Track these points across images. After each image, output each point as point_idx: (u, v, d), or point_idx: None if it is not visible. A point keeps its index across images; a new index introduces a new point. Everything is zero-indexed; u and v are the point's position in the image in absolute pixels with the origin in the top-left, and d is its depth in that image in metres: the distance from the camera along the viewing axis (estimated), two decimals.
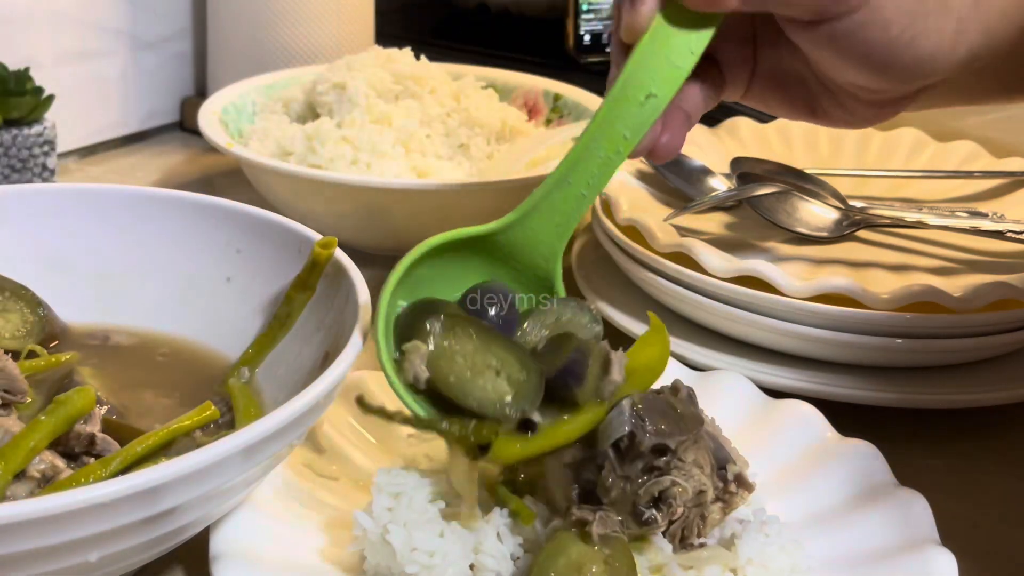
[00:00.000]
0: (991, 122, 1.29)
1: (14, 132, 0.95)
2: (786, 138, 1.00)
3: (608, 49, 1.26)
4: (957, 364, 0.75)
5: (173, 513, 0.49)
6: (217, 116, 0.99)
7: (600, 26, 1.25)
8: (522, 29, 1.40)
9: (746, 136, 1.00)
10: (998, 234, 0.82)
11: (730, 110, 1.09)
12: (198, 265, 0.71)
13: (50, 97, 0.97)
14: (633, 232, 0.80)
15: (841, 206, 0.85)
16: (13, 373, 0.61)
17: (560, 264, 0.61)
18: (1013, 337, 0.74)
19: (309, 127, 0.96)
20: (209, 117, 0.98)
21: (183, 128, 1.23)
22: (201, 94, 1.23)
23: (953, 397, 0.74)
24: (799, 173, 0.89)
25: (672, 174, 0.89)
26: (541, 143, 0.98)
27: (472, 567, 0.53)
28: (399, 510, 0.54)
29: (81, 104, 1.12)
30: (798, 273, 0.75)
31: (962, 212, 0.87)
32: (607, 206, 0.85)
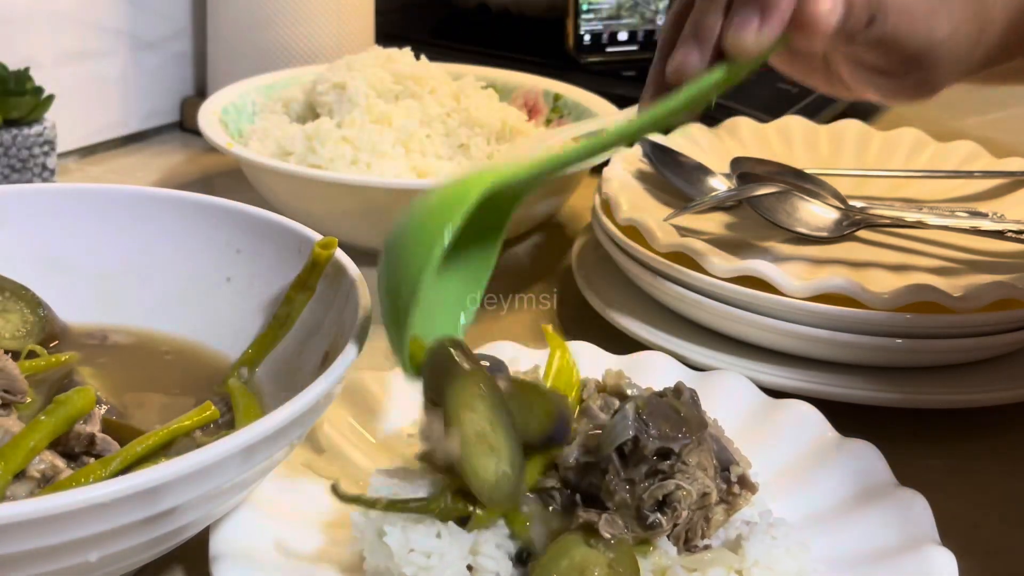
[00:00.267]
0: (991, 122, 1.29)
1: (14, 132, 0.95)
2: (786, 138, 1.00)
3: (608, 49, 1.26)
4: (957, 364, 0.75)
5: (173, 513, 0.49)
6: (217, 116, 0.99)
7: (600, 26, 1.25)
8: (522, 29, 1.40)
9: (746, 136, 1.00)
10: (998, 234, 0.82)
11: (730, 110, 1.09)
12: (198, 265, 0.71)
13: (50, 97, 0.97)
14: (633, 232, 0.80)
15: (841, 206, 0.85)
16: (13, 373, 0.61)
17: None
18: (1013, 337, 0.74)
19: (309, 127, 0.96)
20: (209, 117, 0.98)
21: (183, 128, 1.23)
22: (201, 94, 1.22)
23: (953, 397, 0.74)
24: (799, 173, 0.89)
25: (672, 174, 0.89)
26: (541, 143, 0.98)
27: (470, 568, 0.53)
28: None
29: (81, 104, 1.12)
30: (798, 273, 0.75)
31: (962, 212, 0.87)
32: (607, 206, 0.84)
